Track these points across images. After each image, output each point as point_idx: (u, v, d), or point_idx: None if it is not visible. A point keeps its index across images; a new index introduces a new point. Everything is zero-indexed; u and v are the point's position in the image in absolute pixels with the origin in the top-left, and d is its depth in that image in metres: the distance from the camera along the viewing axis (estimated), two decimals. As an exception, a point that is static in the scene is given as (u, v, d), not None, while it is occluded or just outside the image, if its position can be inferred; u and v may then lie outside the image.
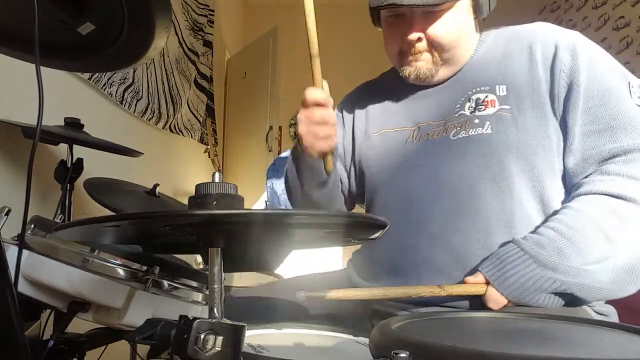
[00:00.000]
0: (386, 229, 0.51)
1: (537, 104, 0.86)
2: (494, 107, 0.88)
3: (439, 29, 0.90)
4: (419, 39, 0.91)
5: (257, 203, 3.54)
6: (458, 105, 0.93)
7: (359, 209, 1.11)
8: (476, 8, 0.93)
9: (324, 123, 0.90)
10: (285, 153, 3.02)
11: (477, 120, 0.89)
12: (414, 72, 0.95)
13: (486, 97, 0.90)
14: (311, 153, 0.94)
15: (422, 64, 0.94)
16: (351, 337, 0.74)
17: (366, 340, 0.69)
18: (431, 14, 0.90)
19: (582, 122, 0.83)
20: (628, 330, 0.54)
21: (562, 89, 0.85)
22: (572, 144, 0.84)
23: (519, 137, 0.85)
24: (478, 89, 0.92)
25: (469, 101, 0.92)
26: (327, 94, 0.92)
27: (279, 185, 2.89)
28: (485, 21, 0.99)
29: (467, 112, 0.91)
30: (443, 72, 0.96)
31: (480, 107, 0.90)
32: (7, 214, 0.72)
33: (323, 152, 0.93)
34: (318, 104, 0.90)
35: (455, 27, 0.91)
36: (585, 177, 0.83)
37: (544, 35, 0.90)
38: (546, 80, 0.87)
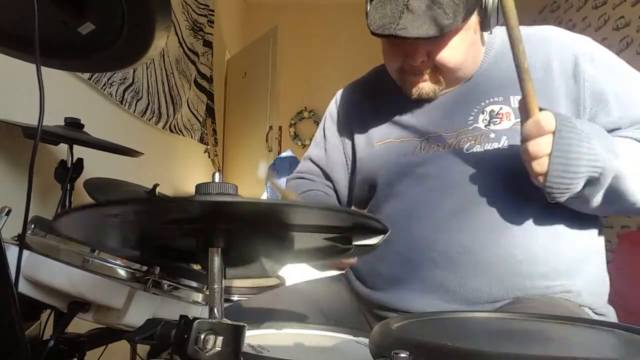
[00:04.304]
0: (387, 234, 0.50)
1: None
2: (510, 120, 0.86)
3: (445, 54, 0.86)
4: (423, 62, 0.87)
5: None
6: (471, 118, 0.90)
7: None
8: (483, 25, 0.89)
9: None
10: (286, 153, 3.02)
11: (492, 135, 0.86)
12: (416, 92, 0.91)
13: (501, 109, 0.87)
14: None
15: (425, 84, 0.90)
16: (351, 337, 0.74)
17: (366, 340, 0.69)
18: (437, 38, 0.83)
19: (620, 126, 0.84)
20: (628, 330, 0.54)
21: (588, 98, 0.84)
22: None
23: None
24: (491, 100, 0.89)
25: (483, 113, 0.89)
26: None
27: (279, 185, 2.89)
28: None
29: (481, 125, 0.88)
30: (449, 89, 0.93)
31: (495, 120, 0.87)
32: (7, 214, 0.71)
33: None
34: None
35: (462, 49, 0.86)
36: None
37: (559, 44, 0.89)
38: (567, 90, 0.85)
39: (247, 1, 5.18)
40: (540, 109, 0.74)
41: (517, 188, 0.83)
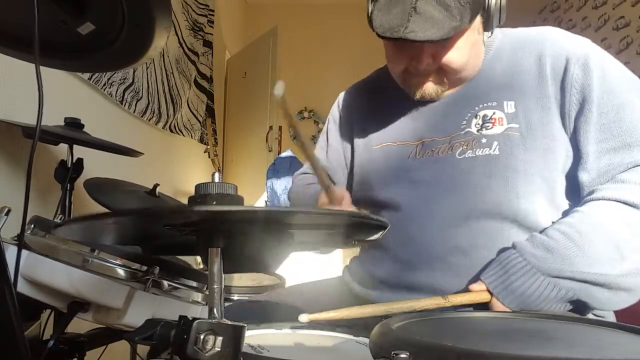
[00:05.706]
0: (386, 229, 0.51)
1: (546, 121, 0.83)
2: (502, 125, 0.86)
3: (450, 56, 0.86)
4: (428, 64, 0.87)
5: (257, 203, 3.54)
6: (464, 122, 0.90)
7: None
8: (486, 25, 0.89)
9: None
10: (286, 153, 3.02)
11: (484, 140, 0.86)
12: (420, 93, 0.92)
13: (494, 114, 0.87)
14: None
15: (430, 85, 0.91)
16: (351, 337, 0.74)
17: (366, 340, 0.69)
18: (444, 40, 0.83)
19: (596, 140, 0.80)
20: (628, 330, 0.54)
21: (574, 106, 0.83)
22: (587, 162, 0.81)
23: (527, 157, 0.82)
24: (485, 105, 0.89)
25: (476, 117, 0.89)
26: (345, 198, 0.94)
27: (279, 185, 2.89)
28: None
29: (473, 129, 0.88)
30: (450, 91, 0.93)
31: (487, 124, 0.87)
32: (7, 214, 0.71)
33: None
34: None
35: (466, 50, 0.86)
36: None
37: (554, 46, 0.87)
38: (556, 97, 0.84)
39: (247, 1, 5.18)
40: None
41: (507, 194, 0.82)
